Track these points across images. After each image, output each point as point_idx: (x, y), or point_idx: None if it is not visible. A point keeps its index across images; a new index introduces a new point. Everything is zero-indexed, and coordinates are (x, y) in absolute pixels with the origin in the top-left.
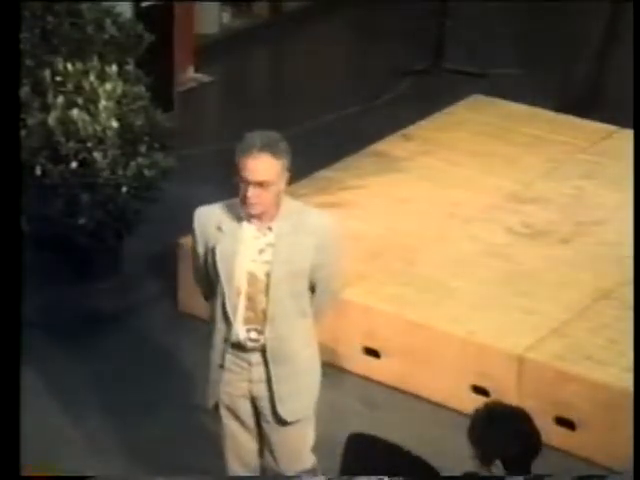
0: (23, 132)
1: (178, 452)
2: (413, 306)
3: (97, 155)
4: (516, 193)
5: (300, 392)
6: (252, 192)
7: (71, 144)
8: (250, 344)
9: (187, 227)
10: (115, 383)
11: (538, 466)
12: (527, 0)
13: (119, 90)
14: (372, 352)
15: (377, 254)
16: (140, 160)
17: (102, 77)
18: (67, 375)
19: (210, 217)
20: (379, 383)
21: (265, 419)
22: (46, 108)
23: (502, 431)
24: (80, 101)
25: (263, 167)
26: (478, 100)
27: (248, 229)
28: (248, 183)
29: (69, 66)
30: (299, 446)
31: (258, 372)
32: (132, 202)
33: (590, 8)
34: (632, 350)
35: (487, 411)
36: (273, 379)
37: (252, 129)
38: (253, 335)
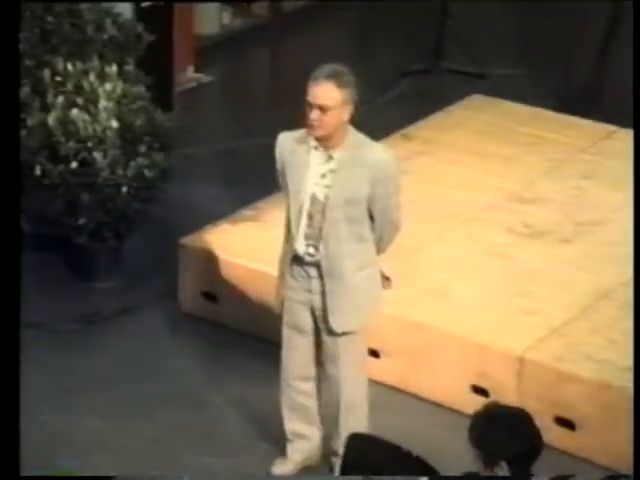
0: (23, 132)
1: (178, 452)
2: (413, 306)
3: (97, 155)
4: (516, 193)
5: (351, 307)
6: (314, 115)
7: (71, 144)
8: (308, 258)
9: (187, 227)
10: (115, 383)
11: (538, 466)
12: (527, 0)
13: (119, 90)
14: (372, 352)
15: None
16: (140, 160)
17: (102, 77)
18: (67, 375)
19: (286, 142)
20: (379, 383)
21: (321, 329)
22: (46, 108)
23: (502, 432)
24: (80, 101)
25: (325, 93)
26: (478, 100)
27: (315, 155)
28: (311, 107)
29: (69, 66)
30: (350, 358)
31: (315, 284)
32: (132, 202)
33: (590, 8)
34: (632, 350)
35: (486, 412)
36: (327, 292)
37: (252, 129)
38: (311, 250)
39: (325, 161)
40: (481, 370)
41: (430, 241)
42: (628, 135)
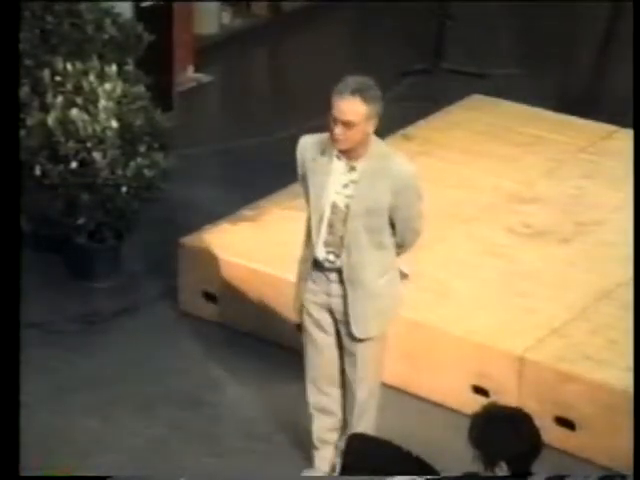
0: (23, 132)
1: (178, 452)
2: (413, 306)
3: (97, 155)
4: (516, 193)
5: (373, 313)
6: (339, 130)
7: (71, 144)
8: (328, 264)
9: (187, 227)
10: (115, 383)
11: (538, 466)
12: (527, 0)
13: (119, 90)
14: None
15: None
16: (140, 160)
17: (102, 77)
18: (67, 375)
19: (309, 148)
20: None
21: (341, 332)
22: (45, 108)
23: (502, 432)
24: (79, 101)
25: (351, 109)
26: (478, 100)
27: (337, 164)
28: (336, 121)
29: (69, 66)
30: (367, 362)
31: (334, 288)
32: (132, 202)
33: (590, 8)
34: (632, 350)
35: (486, 413)
36: (348, 299)
37: (252, 129)
38: (331, 257)
39: (347, 171)
40: (481, 370)
41: (430, 241)
42: (628, 135)
